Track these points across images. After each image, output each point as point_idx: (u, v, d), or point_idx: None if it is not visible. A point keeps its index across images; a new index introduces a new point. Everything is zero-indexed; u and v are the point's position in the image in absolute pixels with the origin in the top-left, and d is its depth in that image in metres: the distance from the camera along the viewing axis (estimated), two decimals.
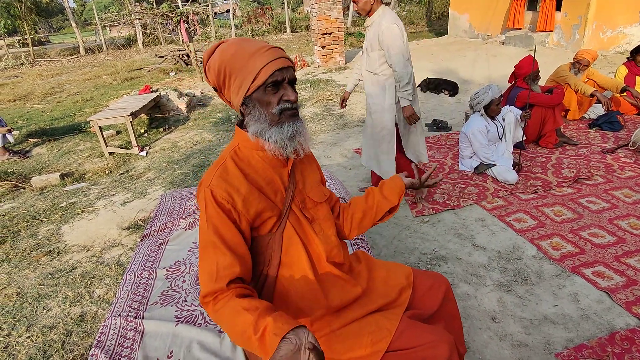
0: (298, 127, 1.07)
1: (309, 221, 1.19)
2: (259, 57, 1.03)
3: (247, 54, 1.04)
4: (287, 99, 1.05)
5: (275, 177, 1.14)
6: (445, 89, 6.15)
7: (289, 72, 1.07)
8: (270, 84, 1.03)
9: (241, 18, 22.09)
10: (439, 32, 14.33)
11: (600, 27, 7.78)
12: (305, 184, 1.22)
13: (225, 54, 1.06)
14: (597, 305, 1.90)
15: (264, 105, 1.05)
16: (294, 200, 1.17)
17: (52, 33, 34.52)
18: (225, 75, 1.07)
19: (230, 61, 1.05)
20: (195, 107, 6.51)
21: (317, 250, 1.18)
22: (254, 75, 1.02)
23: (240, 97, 1.06)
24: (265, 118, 1.06)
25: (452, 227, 2.65)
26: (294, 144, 1.07)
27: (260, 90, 1.04)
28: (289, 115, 1.07)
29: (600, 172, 3.20)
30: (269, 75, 1.02)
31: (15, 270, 2.55)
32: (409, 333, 1.12)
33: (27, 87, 9.85)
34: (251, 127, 1.08)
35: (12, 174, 4.24)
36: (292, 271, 1.15)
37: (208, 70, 1.11)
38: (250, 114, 1.08)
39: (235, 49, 1.06)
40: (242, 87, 1.04)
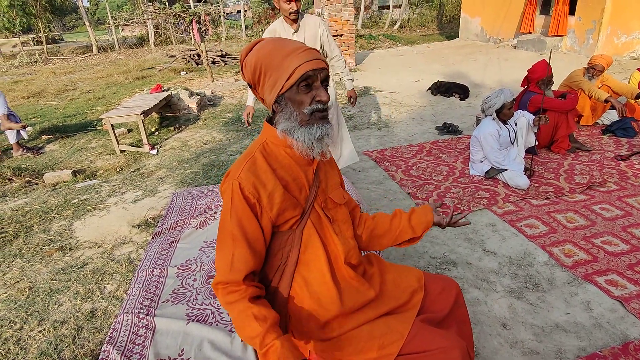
0: (327, 130, 1.09)
1: (329, 221, 1.20)
2: (295, 57, 1.04)
3: (283, 53, 1.06)
4: (320, 99, 1.07)
5: (300, 174, 1.16)
6: (456, 93, 6.12)
7: (323, 73, 1.08)
8: (303, 84, 1.05)
9: (252, 19, 22.21)
10: (450, 35, 14.27)
11: (614, 32, 7.70)
12: (327, 184, 1.24)
13: (261, 51, 1.09)
14: (610, 314, 1.87)
15: (296, 104, 1.07)
16: (317, 199, 1.18)
17: (65, 31, 35.01)
18: (261, 73, 1.09)
19: (266, 59, 1.07)
20: (206, 107, 6.55)
21: (335, 251, 1.19)
22: (288, 73, 1.04)
23: (274, 95, 1.07)
24: (295, 117, 1.07)
25: (462, 232, 2.63)
26: (321, 146, 1.09)
27: (293, 89, 1.06)
28: (319, 117, 1.09)
29: (613, 179, 3.16)
30: (303, 74, 1.04)
31: (28, 265, 2.58)
32: (420, 337, 1.12)
33: (40, 85, 10.00)
34: (281, 124, 1.09)
35: (25, 170, 4.30)
36: (309, 269, 1.16)
37: (244, 67, 1.14)
38: (282, 112, 1.09)
39: (272, 47, 1.08)
40: (276, 85, 1.06)
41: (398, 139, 4.52)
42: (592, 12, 7.70)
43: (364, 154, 4.11)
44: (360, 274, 1.26)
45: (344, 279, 1.20)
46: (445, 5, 18.67)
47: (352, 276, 1.21)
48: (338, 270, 1.20)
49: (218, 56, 10.97)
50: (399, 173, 3.55)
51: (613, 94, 4.20)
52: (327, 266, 1.16)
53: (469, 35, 11.78)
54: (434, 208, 1.40)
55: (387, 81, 7.52)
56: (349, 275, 1.20)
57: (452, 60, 9.16)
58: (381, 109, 5.82)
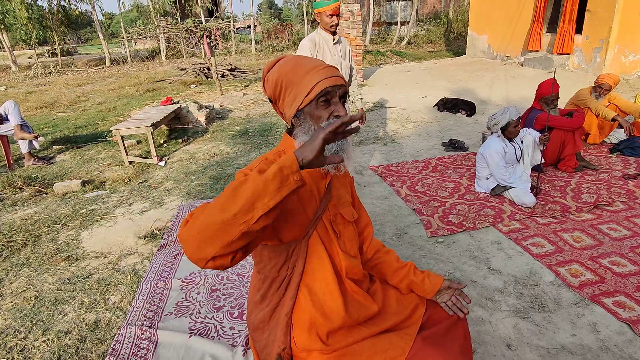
0: (342, 145, 1.11)
1: (336, 235, 1.21)
2: (315, 74, 1.09)
3: (304, 70, 1.10)
4: (337, 114, 1.10)
5: (313, 185, 1.17)
6: (463, 109, 6.14)
7: (341, 90, 1.12)
8: (322, 99, 1.09)
9: (261, 34, 22.59)
10: (457, 52, 14.37)
11: (622, 50, 7.71)
12: (339, 200, 1.25)
13: (283, 68, 1.13)
14: (617, 337, 1.84)
15: (315, 119, 1.10)
16: (326, 212, 1.19)
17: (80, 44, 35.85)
18: (282, 88, 1.13)
19: (287, 75, 1.11)
20: (214, 120, 6.64)
21: (339, 265, 1.20)
22: (308, 89, 1.08)
23: (294, 110, 1.11)
24: (313, 131, 1.09)
25: (467, 249, 2.61)
26: None
27: (312, 104, 1.09)
28: None
29: (621, 198, 3.13)
30: (322, 90, 1.07)
31: (34, 274, 2.61)
32: (422, 355, 1.11)
33: (53, 96, 10.21)
34: (299, 137, 1.12)
35: (35, 179, 4.37)
36: (314, 279, 1.17)
37: (266, 82, 1.18)
38: (301, 126, 1.13)
39: (294, 64, 1.13)
40: (296, 100, 1.10)
41: (404, 154, 4.53)
42: (600, 30, 7.74)
43: (369, 169, 4.12)
44: (365, 289, 1.27)
45: (348, 293, 1.21)
46: (452, 22, 18.87)
47: (356, 290, 1.22)
48: (342, 283, 1.21)
49: (227, 70, 11.15)
50: (404, 189, 3.55)
51: (620, 113, 4.19)
52: (333, 276, 1.17)
53: (476, 52, 11.86)
54: (448, 286, 1.33)
55: (393, 97, 7.58)
56: (352, 290, 1.21)
57: (459, 77, 9.22)
58: (387, 124, 5.85)
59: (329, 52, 2.88)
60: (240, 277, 2.11)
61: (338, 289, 1.16)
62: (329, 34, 2.88)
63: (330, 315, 1.15)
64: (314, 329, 1.15)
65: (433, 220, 2.97)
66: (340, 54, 2.95)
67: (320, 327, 1.15)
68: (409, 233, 2.86)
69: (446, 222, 2.95)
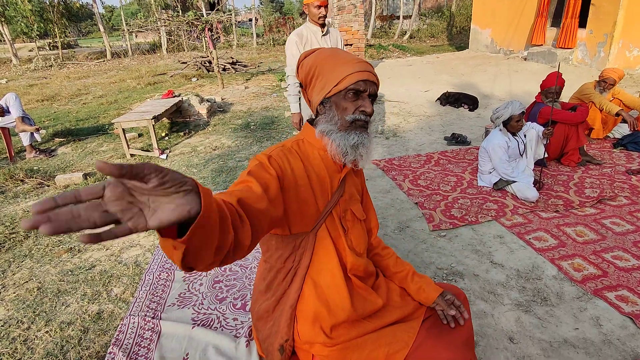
0: (363, 139, 1.10)
1: (344, 231, 1.20)
2: (349, 66, 1.09)
3: (340, 61, 1.10)
4: (364, 109, 1.09)
5: (327, 178, 1.15)
6: (465, 103, 6.11)
7: (372, 87, 1.11)
8: (351, 91, 1.08)
9: (263, 27, 22.47)
10: (459, 46, 14.28)
11: (626, 45, 7.65)
12: (351, 197, 1.24)
13: (319, 56, 1.15)
14: (620, 331, 1.83)
15: (340, 109, 1.10)
16: (336, 207, 1.18)
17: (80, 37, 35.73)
18: (314, 75, 1.14)
19: (322, 63, 1.12)
20: (216, 113, 6.62)
21: (345, 260, 1.19)
22: (339, 78, 1.07)
23: (321, 97, 1.11)
24: (336, 121, 1.10)
25: (469, 243, 2.61)
26: (355, 154, 1.10)
27: (340, 95, 1.09)
28: (359, 125, 1.11)
29: (624, 193, 3.12)
30: (353, 83, 1.07)
31: (37, 266, 2.62)
32: (426, 347, 1.11)
33: (55, 89, 10.18)
34: (320, 125, 1.12)
35: (37, 172, 4.37)
36: (320, 272, 1.16)
37: (300, 67, 1.20)
38: (325, 114, 1.12)
39: (331, 53, 1.14)
40: (325, 87, 1.10)
41: (406, 148, 4.52)
42: (604, 25, 7.67)
43: (371, 163, 4.11)
44: (370, 285, 1.27)
45: (353, 287, 1.20)
46: (455, 16, 18.73)
47: (361, 286, 1.22)
48: (348, 278, 1.20)
49: (229, 63, 11.10)
50: (406, 183, 3.55)
51: (624, 108, 4.16)
52: (339, 270, 1.16)
53: (479, 46, 11.79)
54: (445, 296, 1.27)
55: (396, 91, 7.54)
56: (357, 285, 1.21)
57: (462, 71, 9.17)
58: (390, 118, 5.83)
59: (318, 45, 2.84)
60: (243, 268, 2.12)
61: (344, 284, 1.16)
62: (318, 26, 2.84)
63: (335, 309, 1.15)
64: (318, 322, 1.15)
65: (435, 214, 2.97)
66: (330, 45, 2.90)
67: (324, 320, 1.15)
68: (411, 227, 2.85)
69: (448, 215, 2.94)
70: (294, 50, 2.89)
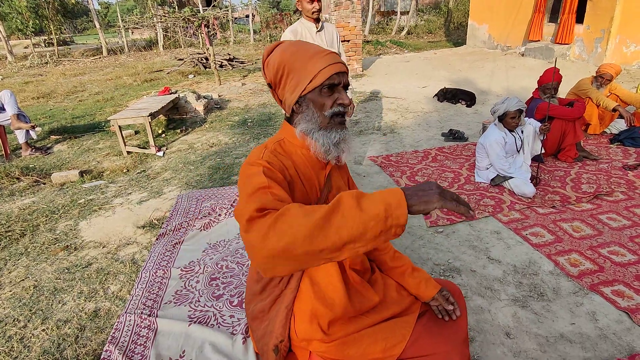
0: (344, 135, 1.12)
1: None
2: (319, 60, 1.06)
3: (308, 55, 1.07)
4: (342, 102, 1.09)
5: (313, 176, 1.16)
6: (463, 99, 6.11)
7: (345, 77, 1.10)
8: (326, 86, 1.06)
9: (260, 23, 22.37)
10: (457, 42, 14.26)
11: (623, 41, 7.65)
12: (339, 190, 1.24)
13: (286, 52, 1.10)
14: (616, 326, 1.84)
15: (318, 106, 1.09)
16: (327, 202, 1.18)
17: (76, 34, 35.49)
18: (283, 74, 1.10)
19: (290, 60, 1.08)
20: (213, 110, 6.59)
21: None
22: (312, 75, 1.05)
23: (296, 96, 1.09)
24: (316, 119, 1.09)
25: (466, 239, 2.61)
26: (338, 151, 1.12)
27: (315, 91, 1.07)
28: (338, 122, 1.11)
29: (621, 188, 3.13)
30: (327, 78, 1.05)
31: (33, 264, 2.60)
32: (423, 341, 1.12)
33: (50, 86, 10.12)
34: (300, 125, 1.11)
35: (33, 170, 4.35)
36: (317, 272, 1.16)
37: (266, 67, 1.15)
38: (302, 114, 1.10)
39: (296, 49, 1.10)
40: (299, 85, 1.08)
41: (403, 144, 4.51)
42: (601, 21, 7.67)
43: (369, 159, 4.11)
44: (366, 279, 1.27)
45: (350, 283, 1.20)
46: (453, 12, 18.69)
47: (358, 281, 1.21)
48: (345, 274, 1.20)
49: (226, 60, 11.05)
50: (403, 179, 3.54)
51: (621, 103, 4.17)
52: (335, 267, 1.16)
53: (477, 42, 11.77)
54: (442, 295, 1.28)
55: (393, 87, 7.53)
56: (354, 280, 1.21)
57: (459, 67, 9.16)
58: (387, 114, 5.82)
59: (312, 41, 2.78)
60: (239, 265, 2.11)
61: (341, 280, 1.16)
62: (312, 21, 2.79)
63: (333, 306, 1.15)
64: (316, 319, 1.15)
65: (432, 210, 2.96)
66: (325, 42, 2.85)
67: (321, 317, 1.15)
68: (408, 223, 2.85)
69: (446, 212, 2.94)
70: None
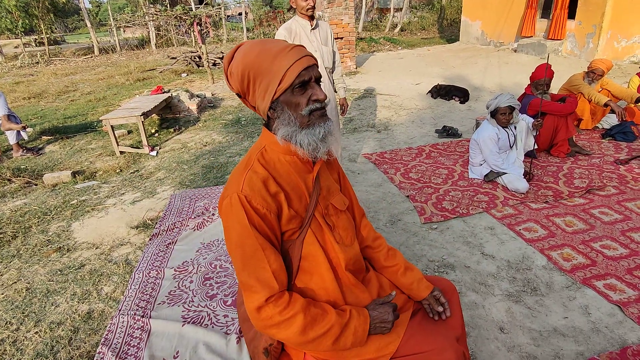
0: (329, 127, 1.06)
1: (330, 228, 1.16)
2: (284, 58, 1.00)
3: (271, 56, 1.01)
4: (316, 98, 1.03)
5: (300, 182, 1.11)
6: (456, 96, 6.12)
7: (315, 70, 1.04)
8: (297, 85, 1.00)
9: (253, 21, 22.27)
10: (450, 39, 14.29)
11: (614, 36, 7.70)
12: (329, 190, 1.19)
13: (247, 57, 1.02)
14: (608, 319, 1.86)
15: (293, 107, 1.03)
16: (317, 207, 1.14)
17: (67, 33, 35.11)
18: (250, 80, 1.03)
19: (253, 64, 1.01)
20: (206, 109, 6.56)
21: (336, 258, 1.16)
22: (280, 77, 0.99)
23: (268, 102, 1.02)
24: (294, 121, 1.03)
25: (460, 235, 2.62)
26: (326, 145, 1.06)
27: (287, 92, 1.01)
28: (319, 115, 1.05)
29: (613, 183, 3.15)
30: (296, 76, 0.99)
31: (25, 266, 2.58)
32: (417, 339, 1.12)
33: (41, 86, 10.02)
34: (280, 130, 1.05)
35: (25, 171, 4.30)
36: (310, 278, 1.13)
37: (230, 76, 1.07)
38: (279, 118, 1.05)
39: (258, 51, 1.02)
40: (269, 90, 1.01)
41: (397, 141, 4.52)
42: (592, 16, 7.71)
43: (363, 157, 4.10)
44: (360, 279, 1.24)
45: (346, 284, 1.18)
46: (446, 8, 18.71)
47: (353, 282, 1.19)
48: (340, 277, 1.18)
49: (219, 58, 11.00)
50: (398, 176, 3.55)
51: (613, 98, 4.19)
52: (329, 272, 1.13)
53: (470, 38, 11.80)
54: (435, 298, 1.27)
55: (387, 84, 7.53)
56: (349, 282, 1.18)
57: (453, 63, 9.18)
58: (381, 111, 5.82)
59: (307, 39, 2.76)
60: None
61: (335, 284, 1.13)
62: (306, 19, 2.75)
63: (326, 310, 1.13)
64: None
65: (427, 207, 2.97)
66: (319, 39, 2.81)
67: None
68: (402, 220, 2.86)
69: (440, 208, 2.95)
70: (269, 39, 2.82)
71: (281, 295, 1.00)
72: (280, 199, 1.05)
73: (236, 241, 1.01)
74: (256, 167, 1.06)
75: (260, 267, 1.00)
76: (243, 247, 1.01)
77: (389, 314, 1.09)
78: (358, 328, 1.05)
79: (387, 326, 1.08)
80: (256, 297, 0.98)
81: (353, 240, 1.23)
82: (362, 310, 1.10)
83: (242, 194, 1.00)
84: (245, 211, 1.00)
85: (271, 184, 1.05)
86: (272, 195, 1.04)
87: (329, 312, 1.04)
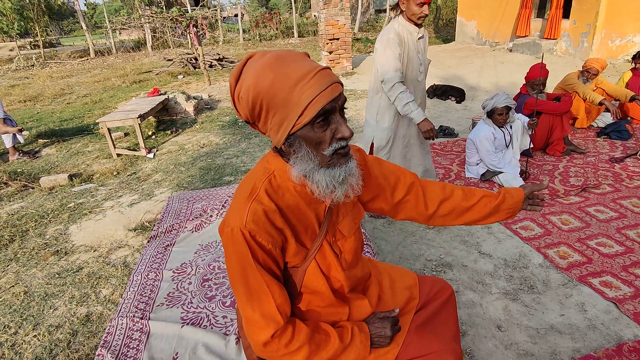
0: (351, 169, 0.94)
1: (337, 256, 1.08)
2: (305, 88, 0.84)
3: (290, 84, 0.84)
4: (341, 136, 0.89)
5: (309, 214, 1.01)
6: (452, 96, 6.15)
7: (341, 98, 0.89)
8: (320, 120, 0.86)
9: (249, 23, 22.28)
10: (446, 39, 14.34)
11: (609, 35, 7.76)
12: (339, 214, 1.09)
13: (260, 84, 0.85)
14: (604, 316, 1.88)
15: (313, 144, 0.89)
16: (327, 236, 1.05)
17: (63, 35, 35.01)
18: (262, 109, 0.89)
19: (267, 93, 0.85)
20: (203, 110, 6.56)
21: (338, 283, 1.10)
22: (299, 111, 0.84)
23: (283, 137, 0.89)
24: (314, 158, 0.91)
25: (457, 234, 2.64)
26: (345, 187, 0.95)
27: (307, 127, 0.87)
28: (341, 155, 0.92)
29: (608, 181, 3.18)
30: (319, 110, 0.84)
31: (23, 269, 2.58)
32: (416, 344, 1.11)
33: (37, 89, 9.98)
34: (297, 167, 0.93)
35: (21, 174, 4.29)
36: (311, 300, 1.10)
37: (238, 101, 0.92)
38: (295, 154, 0.92)
39: (274, 76, 0.85)
40: (285, 124, 0.87)
41: None
42: (587, 15, 7.77)
43: None
44: (360, 289, 1.20)
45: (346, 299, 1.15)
46: (441, 8, 18.78)
47: (354, 297, 1.16)
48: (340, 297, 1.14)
49: (215, 60, 10.99)
50: None
51: (607, 97, 4.23)
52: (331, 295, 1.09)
53: (465, 38, 11.85)
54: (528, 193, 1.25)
55: None
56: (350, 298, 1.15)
57: (448, 63, 9.21)
58: None
59: (415, 49, 2.45)
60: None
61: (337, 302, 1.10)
62: (415, 26, 2.41)
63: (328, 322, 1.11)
64: None
65: None
66: (422, 50, 2.52)
67: None
68: None
69: None
70: (396, 52, 2.36)
71: (286, 328, 0.96)
72: (286, 233, 0.97)
73: (239, 276, 0.95)
74: (262, 197, 0.95)
75: (265, 301, 0.95)
76: (246, 283, 0.95)
77: (388, 329, 1.09)
78: (359, 346, 1.06)
79: (386, 341, 1.09)
80: (262, 333, 0.95)
81: (358, 260, 1.17)
82: (363, 327, 1.09)
83: (245, 229, 0.91)
84: (249, 247, 0.93)
85: (277, 218, 0.95)
86: (278, 229, 0.96)
87: (332, 335, 1.03)
